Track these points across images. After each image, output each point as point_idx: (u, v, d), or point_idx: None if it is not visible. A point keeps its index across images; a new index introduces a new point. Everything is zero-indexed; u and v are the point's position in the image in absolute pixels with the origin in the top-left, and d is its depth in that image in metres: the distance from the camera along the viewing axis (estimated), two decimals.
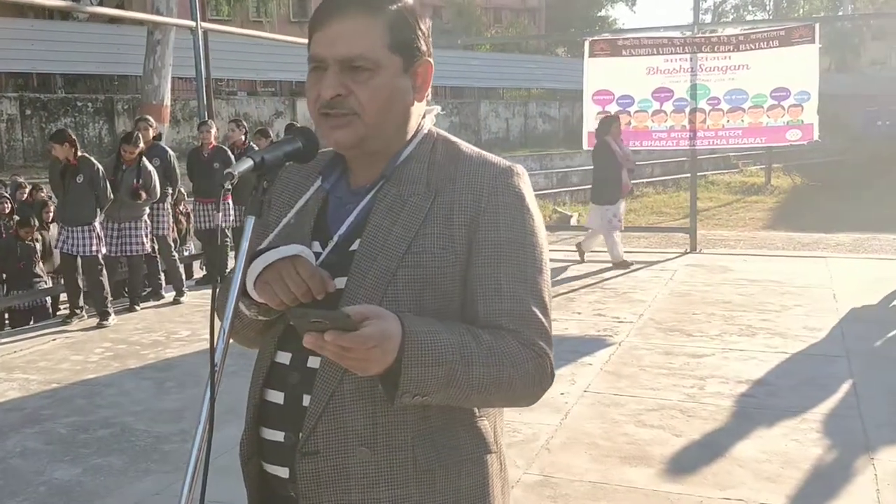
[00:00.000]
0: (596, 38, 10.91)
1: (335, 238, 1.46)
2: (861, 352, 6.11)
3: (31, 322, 8.60)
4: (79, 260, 7.54)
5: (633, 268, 9.75)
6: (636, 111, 10.58)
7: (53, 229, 9.38)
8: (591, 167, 10.58)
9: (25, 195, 11.12)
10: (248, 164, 1.29)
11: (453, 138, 1.55)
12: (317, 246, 1.48)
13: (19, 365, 6.39)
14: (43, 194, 11.08)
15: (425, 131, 1.53)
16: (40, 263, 9.09)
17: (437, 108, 1.61)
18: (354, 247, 1.44)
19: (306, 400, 1.40)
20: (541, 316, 1.42)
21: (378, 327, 1.24)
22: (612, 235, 9.79)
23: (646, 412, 4.98)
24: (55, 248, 8.27)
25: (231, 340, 1.40)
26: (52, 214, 9.67)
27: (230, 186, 1.27)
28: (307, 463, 1.39)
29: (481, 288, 1.41)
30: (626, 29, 10.60)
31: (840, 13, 37.47)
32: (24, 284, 8.92)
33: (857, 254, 11.32)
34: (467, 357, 1.32)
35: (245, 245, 1.29)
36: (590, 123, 10.69)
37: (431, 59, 1.49)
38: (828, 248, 11.95)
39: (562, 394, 5.29)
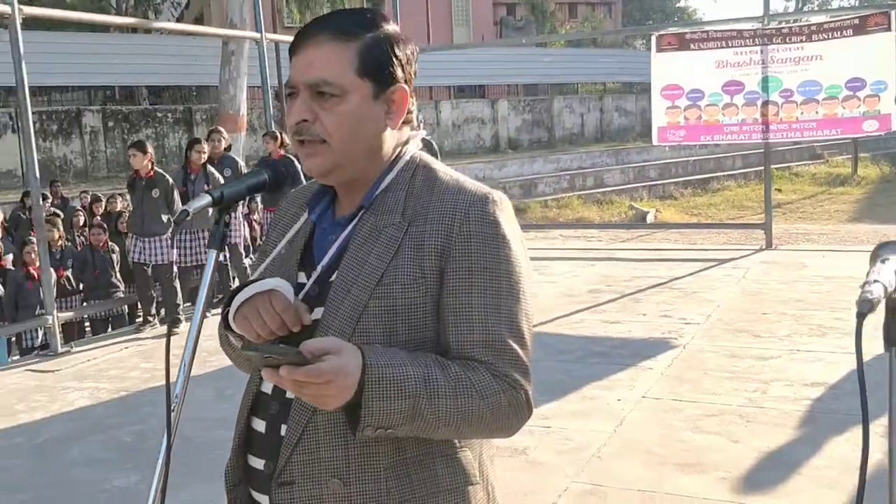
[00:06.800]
0: (663, 32, 10.71)
1: (318, 269, 1.47)
2: None
3: (109, 330, 8.88)
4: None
5: (704, 266, 9.48)
6: (707, 105, 10.32)
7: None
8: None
9: (101, 210, 11.41)
10: (205, 200, 1.29)
11: (435, 164, 1.52)
12: (303, 277, 1.49)
13: (91, 374, 6.60)
14: (119, 205, 11.41)
15: (407, 158, 1.50)
16: (117, 273, 9.31)
17: (423, 133, 1.59)
18: (334, 278, 1.45)
19: (284, 430, 1.42)
20: (516, 346, 1.39)
21: (334, 363, 1.24)
22: None
23: (704, 418, 4.85)
24: (129, 257, 8.49)
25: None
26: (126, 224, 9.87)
27: (179, 222, 1.28)
28: (283, 493, 1.40)
29: (453, 319, 1.39)
30: (693, 22, 10.32)
31: None
32: (101, 294, 9.16)
33: None
34: (433, 389, 1.30)
35: (207, 277, 1.30)
36: (659, 119, 10.50)
37: (408, 86, 1.48)
38: None
39: (618, 400, 5.20)
